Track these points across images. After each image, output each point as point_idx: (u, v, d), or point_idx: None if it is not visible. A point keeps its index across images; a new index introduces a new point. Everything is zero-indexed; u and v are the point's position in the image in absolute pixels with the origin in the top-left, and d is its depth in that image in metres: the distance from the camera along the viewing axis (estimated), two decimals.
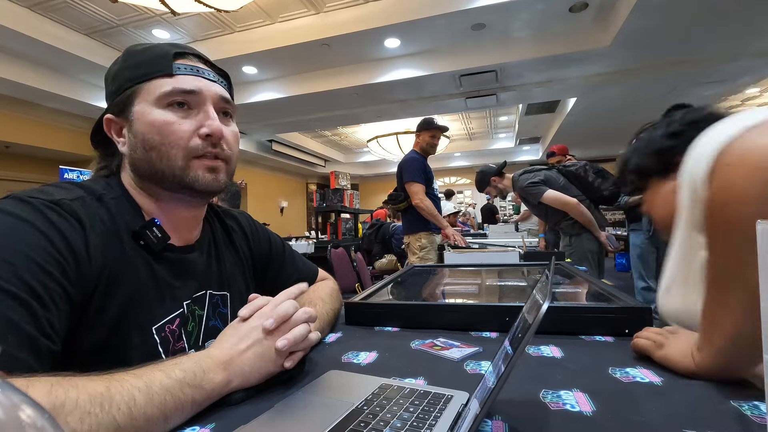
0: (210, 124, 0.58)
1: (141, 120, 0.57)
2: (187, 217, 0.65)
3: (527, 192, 2.49)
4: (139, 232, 0.56)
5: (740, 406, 0.43)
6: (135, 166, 0.59)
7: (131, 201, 0.60)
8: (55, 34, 4.01)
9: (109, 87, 0.61)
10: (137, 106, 0.57)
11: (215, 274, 0.69)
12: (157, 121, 0.56)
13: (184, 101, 0.58)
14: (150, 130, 0.56)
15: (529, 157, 10.66)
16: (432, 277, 1.33)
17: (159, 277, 0.58)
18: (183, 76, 0.58)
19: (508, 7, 3.61)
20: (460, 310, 0.80)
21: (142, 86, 0.57)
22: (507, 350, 0.36)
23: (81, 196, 0.53)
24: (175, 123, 0.57)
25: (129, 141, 0.59)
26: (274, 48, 4.33)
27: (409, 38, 4.26)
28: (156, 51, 0.59)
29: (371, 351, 0.66)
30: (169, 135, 0.56)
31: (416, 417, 0.40)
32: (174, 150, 0.57)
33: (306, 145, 9.31)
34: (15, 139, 5.25)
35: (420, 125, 2.89)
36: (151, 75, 0.57)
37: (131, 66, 0.59)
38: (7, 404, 0.14)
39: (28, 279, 0.42)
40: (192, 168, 0.58)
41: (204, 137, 0.58)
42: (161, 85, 0.57)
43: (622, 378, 0.51)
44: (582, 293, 1.00)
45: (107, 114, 0.60)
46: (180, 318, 0.60)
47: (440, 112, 6.44)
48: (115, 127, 0.61)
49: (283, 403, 0.46)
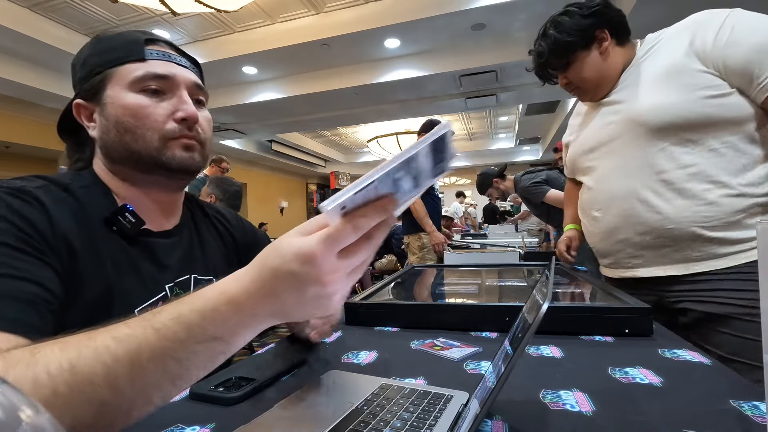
0: (185, 109, 0.59)
1: (114, 103, 0.57)
2: (164, 202, 0.65)
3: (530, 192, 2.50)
4: (111, 218, 0.56)
5: (740, 406, 0.43)
6: (107, 150, 0.59)
7: (103, 188, 0.60)
8: (55, 34, 4.02)
9: (78, 73, 0.61)
10: (110, 90, 0.58)
11: (199, 259, 0.69)
12: (132, 104, 0.57)
13: (158, 87, 0.58)
14: (124, 113, 0.57)
15: (529, 157, 10.66)
16: (432, 277, 1.33)
17: (136, 262, 0.58)
18: (155, 61, 0.59)
19: (508, 7, 3.61)
20: (460, 310, 0.80)
21: (114, 70, 0.58)
22: (507, 350, 0.36)
23: (44, 185, 0.53)
24: (149, 106, 0.57)
25: (101, 124, 0.59)
26: (274, 48, 4.34)
27: (409, 38, 4.26)
28: (127, 37, 0.60)
29: (371, 351, 0.66)
30: (143, 118, 0.57)
31: (416, 417, 0.40)
32: (150, 132, 0.57)
33: (306, 145, 9.32)
34: (15, 139, 5.26)
35: (425, 127, 2.83)
36: (123, 59, 0.58)
37: (101, 51, 0.59)
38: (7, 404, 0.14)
39: (3, 259, 0.43)
40: (169, 148, 0.59)
41: (179, 121, 0.59)
42: (134, 69, 0.57)
43: (621, 378, 0.51)
44: (582, 293, 1.00)
45: (77, 99, 0.60)
46: (163, 301, 0.60)
47: (440, 112, 6.45)
48: (86, 112, 0.61)
49: (283, 403, 0.46)
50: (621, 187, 0.94)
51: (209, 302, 0.33)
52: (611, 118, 0.97)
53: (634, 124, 0.91)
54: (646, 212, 0.90)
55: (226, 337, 0.33)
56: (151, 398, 0.33)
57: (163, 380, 0.32)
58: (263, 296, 0.33)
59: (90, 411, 0.30)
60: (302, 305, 0.33)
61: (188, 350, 0.32)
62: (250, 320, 0.34)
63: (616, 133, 0.96)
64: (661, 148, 0.87)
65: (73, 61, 0.63)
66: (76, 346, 0.32)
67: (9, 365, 0.31)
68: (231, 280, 0.34)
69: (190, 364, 0.33)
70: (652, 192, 0.88)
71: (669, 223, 0.87)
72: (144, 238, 0.60)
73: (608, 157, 0.98)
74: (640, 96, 0.91)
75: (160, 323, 0.32)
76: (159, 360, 0.32)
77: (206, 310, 0.33)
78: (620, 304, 0.74)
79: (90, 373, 0.30)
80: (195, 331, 0.32)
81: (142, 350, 0.31)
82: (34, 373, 0.30)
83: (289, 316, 0.35)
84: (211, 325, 0.33)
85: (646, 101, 0.89)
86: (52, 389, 0.29)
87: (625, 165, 0.93)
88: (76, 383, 0.30)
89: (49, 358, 0.31)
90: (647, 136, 0.88)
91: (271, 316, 0.34)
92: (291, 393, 0.48)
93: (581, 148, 1.08)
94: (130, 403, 0.32)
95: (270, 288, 0.33)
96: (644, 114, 0.89)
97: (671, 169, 0.86)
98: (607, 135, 0.98)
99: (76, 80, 0.62)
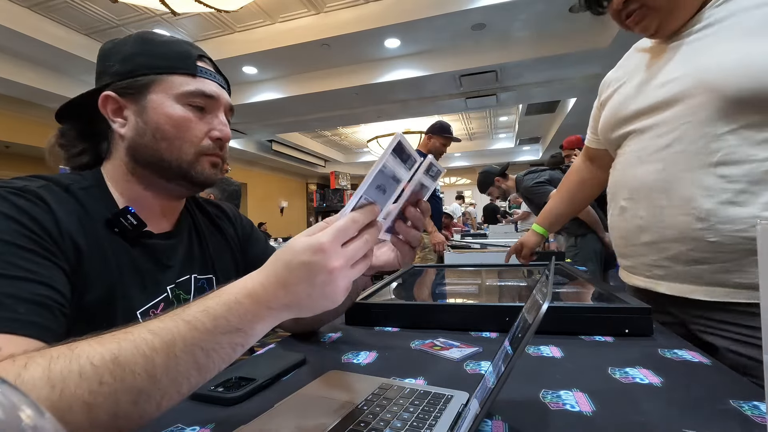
0: (223, 130, 0.63)
1: (158, 110, 0.59)
2: (168, 206, 0.66)
3: (532, 192, 2.50)
4: (113, 219, 0.57)
5: (740, 406, 0.43)
6: (135, 150, 0.60)
7: (103, 191, 0.60)
8: (55, 34, 4.02)
9: (116, 66, 0.60)
10: (154, 95, 0.59)
11: (198, 258, 0.70)
12: (176, 115, 0.59)
13: (203, 104, 0.61)
14: (167, 121, 0.59)
15: (529, 157, 10.66)
16: (432, 277, 1.33)
17: (138, 264, 0.59)
18: (204, 79, 0.62)
19: (508, 7, 3.61)
20: (460, 310, 0.80)
21: (163, 77, 0.59)
22: (507, 350, 0.36)
23: (46, 185, 0.53)
24: (192, 121, 0.60)
25: (136, 125, 0.59)
26: (274, 48, 4.34)
27: (409, 38, 4.26)
28: (178, 47, 0.62)
29: (371, 351, 0.66)
30: (185, 131, 0.60)
31: (416, 417, 0.40)
32: (186, 145, 0.60)
33: (306, 145, 9.32)
34: (15, 139, 5.26)
35: (435, 129, 2.83)
36: (173, 70, 0.60)
37: (150, 54, 0.60)
38: (7, 404, 0.14)
39: (14, 261, 0.43)
40: (200, 163, 0.62)
41: (215, 140, 0.62)
42: (185, 82, 0.60)
43: (621, 378, 0.51)
44: (582, 293, 1.00)
45: (107, 90, 0.59)
46: (164, 303, 0.61)
47: (440, 112, 6.45)
48: (114, 106, 0.60)
49: (283, 403, 0.46)
50: (660, 173, 0.71)
51: (231, 296, 0.37)
52: (674, 74, 0.71)
53: (703, 87, 0.66)
54: (684, 214, 0.68)
55: (246, 328, 0.37)
56: (180, 387, 0.35)
57: (191, 370, 0.35)
58: (278, 288, 0.38)
59: (129, 399, 0.33)
60: (312, 295, 0.38)
61: (214, 341, 0.36)
62: (266, 313, 0.38)
63: (675, 95, 0.70)
64: (731, 129, 0.63)
65: (107, 51, 0.62)
66: (115, 339, 0.34)
67: (50, 360, 0.32)
68: (250, 277, 0.39)
69: (215, 355, 0.36)
70: (700, 188, 0.66)
71: (714, 234, 0.65)
72: (145, 240, 0.61)
73: (654, 130, 0.73)
74: (722, 47, 0.65)
75: (190, 315, 0.36)
76: (189, 350, 0.35)
77: (230, 303, 0.37)
78: (620, 304, 0.74)
79: (132, 362, 0.33)
80: (220, 321, 0.36)
81: (175, 341, 0.34)
82: (79, 366, 0.32)
83: (300, 308, 0.39)
84: (234, 316, 0.36)
85: (729, 57, 0.63)
86: (98, 380, 0.31)
87: (673, 144, 0.69)
88: (120, 373, 0.32)
89: (90, 352, 0.33)
90: (718, 107, 0.64)
91: (285, 307, 0.38)
92: (291, 393, 0.48)
93: (622, 109, 0.81)
94: (163, 391, 0.34)
95: (284, 280, 0.38)
96: (722, 75, 0.63)
97: (739, 160, 0.63)
98: (662, 97, 0.72)
99: (110, 71, 0.60)
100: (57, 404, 0.30)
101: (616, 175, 0.85)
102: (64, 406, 0.30)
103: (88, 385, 0.31)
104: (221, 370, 0.38)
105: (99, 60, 0.63)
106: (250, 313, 0.37)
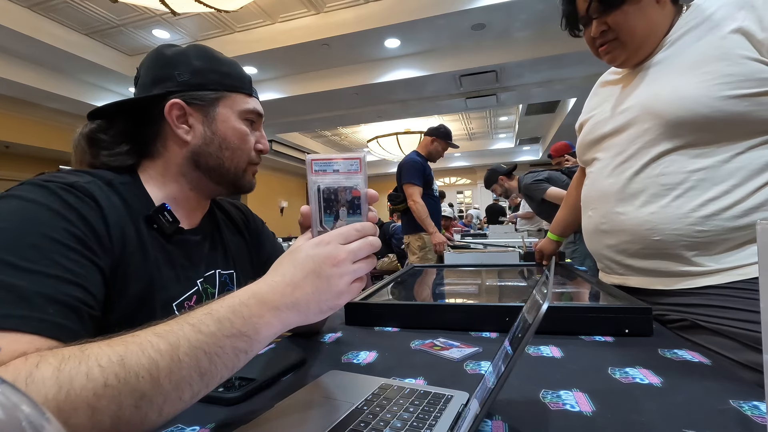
0: (265, 143, 0.71)
1: (226, 123, 0.65)
2: (200, 205, 0.72)
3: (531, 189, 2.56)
4: (152, 216, 0.60)
5: (740, 406, 0.43)
6: (199, 155, 0.65)
7: (139, 187, 0.63)
8: (55, 34, 4.02)
9: (184, 76, 0.63)
10: (222, 109, 0.65)
11: (221, 254, 0.74)
12: (240, 129, 0.67)
13: (254, 120, 0.69)
14: (233, 134, 0.66)
15: (529, 157, 10.66)
16: (432, 277, 1.33)
17: (173, 258, 0.62)
18: (255, 100, 0.70)
19: (508, 7, 3.61)
20: (460, 310, 0.80)
21: (229, 94, 0.66)
22: (507, 350, 0.36)
23: (93, 180, 0.55)
24: (248, 135, 0.68)
25: (203, 134, 0.65)
26: (274, 48, 4.34)
27: (409, 38, 4.26)
28: (239, 69, 0.69)
29: (371, 351, 0.66)
30: (244, 143, 0.67)
31: (416, 417, 0.40)
32: (243, 155, 0.68)
33: (306, 145, 9.31)
34: (15, 139, 5.25)
35: (438, 133, 2.87)
36: (237, 88, 0.67)
37: (219, 72, 0.66)
38: (7, 404, 0.14)
39: (57, 258, 0.44)
40: (247, 171, 0.70)
41: (258, 151, 0.70)
42: (245, 101, 0.67)
43: (621, 378, 0.51)
44: (582, 293, 1.00)
45: (175, 98, 0.62)
46: (196, 295, 0.65)
47: (440, 112, 6.45)
48: (179, 113, 0.63)
49: (283, 403, 0.46)
50: (615, 186, 0.84)
51: (236, 298, 0.38)
52: (629, 102, 0.83)
53: (648, 114, 0.78)
54: (634, 218, 0.80)
55: (250, 332, 0.37)
56: (182, 393, 0.35)
57: (194, 374, 0.35)
58: (284, 285, 0.39)
59: (132, 402, 0.32)
60: (319, 288, 0.39)
61: (217, 344, 0.36)
62: (272, 315, 0.38)
63: (629, 121, 0.82)
64: (672, 147, 0.75)
65: (170, 59, 0.64)
66: (122, 342, 0.34)
67: (61, 360, 0.32)
68: (255, 282, 0.40)
69: (217, 360, 0.36)
70: (647, 195, 0.78)
71: (657, 234, 0.77)
72: (177, 236, 0.64)
73: (613, 149, 0.86)
74: (663, 81, 0.77)
75: (195, 319, 0.36)
76: (193, 353, 0.35)
77: (235, 305, 0.37)
78: (620, 304, 0.74)
79: (137, 365, 0.33)
80: (224, 324, 0.36)
81: (180, 344, 0.34)
82: (87, 367, 0.32)
83: (308, 306, 0.40)
84: (238, 318, 0.37)
85: (666, 89, 0.75)
86: (103, 381, 0.32)
87: (627, 162, 0.82)
88: (125, 375, 0.32)
89: (98, 353, 0.33)
90: (661, 131, 0.76)
91: (292, 306, 0.39)
92: (291, 393, 0.48)
93: (590, 134, 0.94)
94: (165, 396, 0.34)
95: (290, 276, 0.39)
96: (661, 104, 0.75)
97: (677, 172, 0.75)
98: (620, 122, 0.84)
99: (178, 80, 0.63)
100: (62, 405, 0.30)
101: (585, 189, 0.99)
102: (69, 408, 0.30)
103: (93, 387, 0.31)
104: (224, 379, 0.37)
105: (160, 66, 0.64)
106: (255, 316, 0.37)
